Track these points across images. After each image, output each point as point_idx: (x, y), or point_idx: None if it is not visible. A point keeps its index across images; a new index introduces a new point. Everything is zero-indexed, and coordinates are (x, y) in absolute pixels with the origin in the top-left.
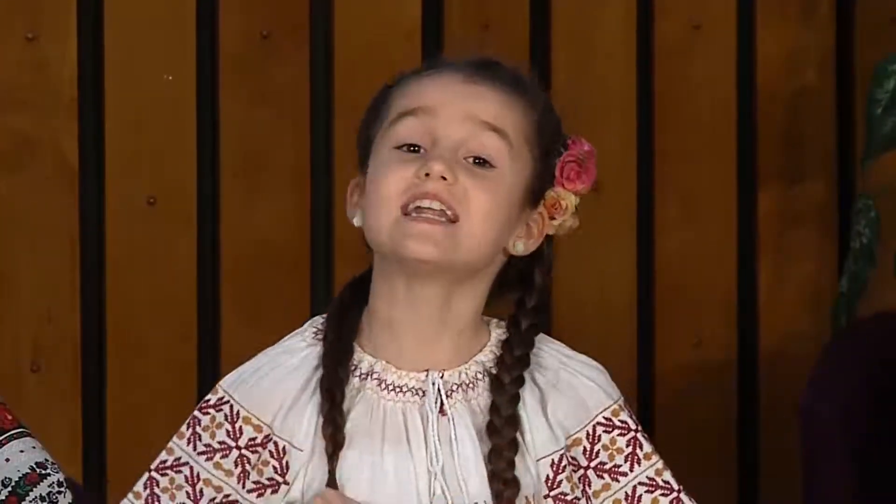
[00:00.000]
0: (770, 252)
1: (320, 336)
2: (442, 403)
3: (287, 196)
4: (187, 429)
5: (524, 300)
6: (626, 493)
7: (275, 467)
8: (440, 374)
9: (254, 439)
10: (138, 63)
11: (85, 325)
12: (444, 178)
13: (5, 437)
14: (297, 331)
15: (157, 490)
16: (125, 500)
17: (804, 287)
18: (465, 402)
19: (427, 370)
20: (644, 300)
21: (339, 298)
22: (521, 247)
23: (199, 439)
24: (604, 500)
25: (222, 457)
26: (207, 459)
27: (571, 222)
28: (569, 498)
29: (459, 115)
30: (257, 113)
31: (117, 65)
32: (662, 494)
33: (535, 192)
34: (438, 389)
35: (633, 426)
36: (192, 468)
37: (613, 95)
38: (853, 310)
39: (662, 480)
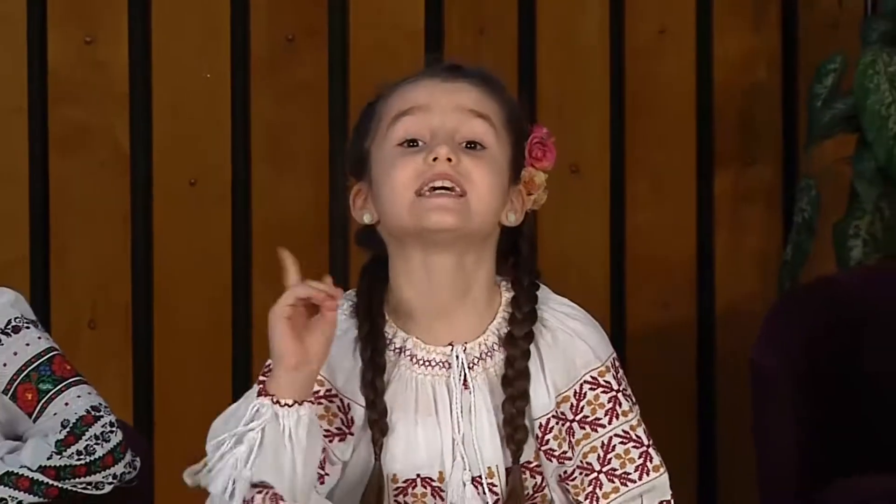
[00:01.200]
0: (725, 226)
1: (354, 312)
2: (465, 377)
3: (308, 177)
4: (264, 375)
5: (519, 262)
6: (602, 441)
7: (342, 419)
8: (463, 348)
9: (316, 392)
10: (181, 63)
11: (134, 289)
12: (450, 160)
13: (65, 385)
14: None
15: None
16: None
17: (754, 256)
18: (484, 373)
19: (451, 344)
20: (616, 267)
21: (362, 287)
22: (512, 217)
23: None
24: (583, 447)
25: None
26: None
27: (543, 197)
28: (556, 453)
29: (449, 107)
30: (282, 106)
31: (163, 64)
32: (634, 447)
33: (516, 171)
34: (462, 363)
35: (615, 386)
36: None
37: (591, 90)
38: (796, 275)
39: (636, 435)
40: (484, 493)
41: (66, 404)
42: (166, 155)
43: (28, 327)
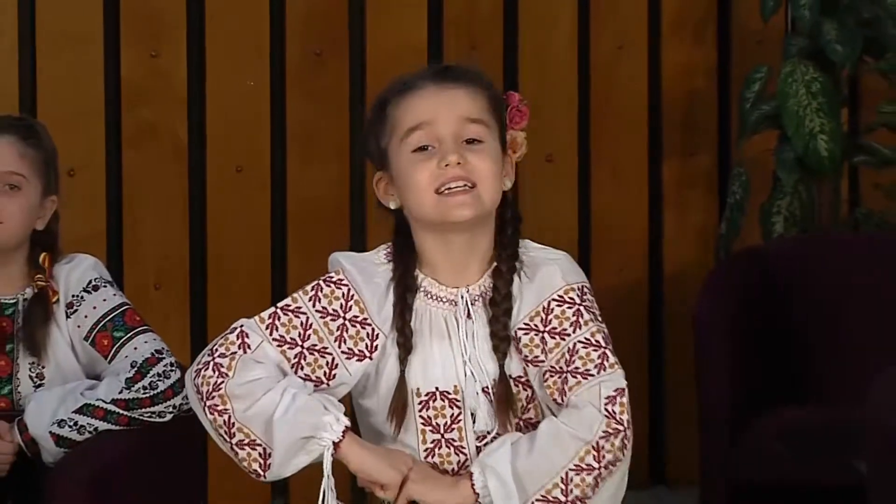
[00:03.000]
0: (672, 206)
1: (390, 258)
2: (469, 311)
3: (333, 166)
4: (311, 290)
5: (504, 217)
6: (568, 348)
7: (367, 345)
8: (466, 289)
9: (356, 317)
10: (229, 73)
11: (192, 258)
12: (459, 163)
13: (134, 333)
14: (374, 250)
15: (277, 322)
16: (253, 320)
17: (696, 230)
18: (483, 307)
19: (457, 287)
20: (583, 238)
21: (395, 244)
22: (508, 182)
23: (319, 301)
24: (555, 354)
25: (332, 320)
26: (321, 317)
27: (524, 148)
28: (529, 358)
29: (451, 119)
30: (312, 107)
31: (214, 74)
32: (594, 350)
33: (503, 142)
34: (466, 301)
35: (577, 301)
36: (307, 317)
37: (562, 94)
38: (730, 246)
39: (595, 340)
40: (491, 400)
41: (135, 348)
42: (217, 147)
43: (105, 286)
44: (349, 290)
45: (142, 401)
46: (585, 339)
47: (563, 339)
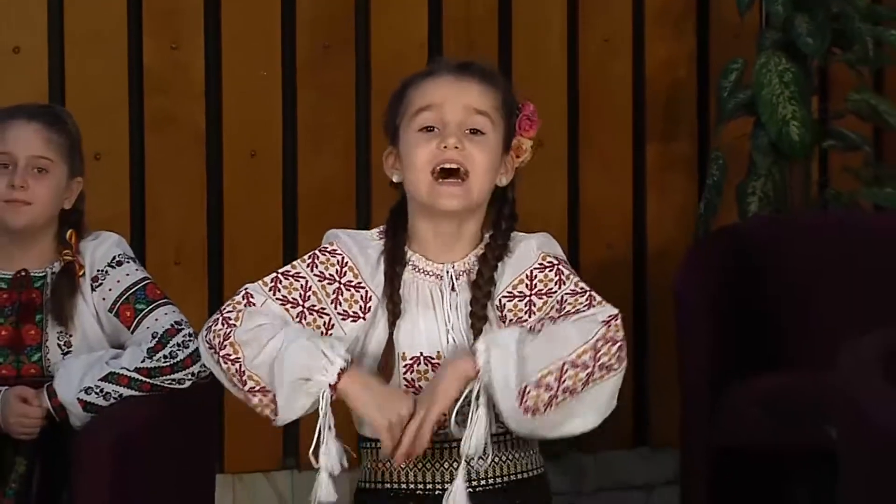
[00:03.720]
0: (655, 187)
1: (382, 236)
2: (453, 284)
3: (340, 152)
4: (308, 258)
5: (501, 212)
6: (557, 300)
7: (360, 306)
8: (452, 266)
9: (350, 281)
10: (244, 64)
11: (209, 236)
12: (457, 147)
13: (155, 305)
14: (370, 230)
15: (279, 285)
16: (257, 284)
17: (677, 210)
18: (467, 282)
19: (443, 263)
20: (572, 218)
21: (390, 221)
22: (504, 179)
23: (316, 267)
24: (545, 311)
25: (328, 284)
26: (319, 280)
27: (529, 157)
28: (513, 320)
29: (458, 106)
30: (320, 98)
31: (230, 66)
32: (580, 295)
33: (507, 143)
34: (451, 275)
35: (555, 262)
36: (306, 280)
37: (553, 85)
38: (708, 225)
39: (580, 288)
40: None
41: (156, 320)
42: (232, 134)
43: (128, 262)
44: (343, 258)
45: (163, 369)
46: (570, 290)
47: (550, 297)
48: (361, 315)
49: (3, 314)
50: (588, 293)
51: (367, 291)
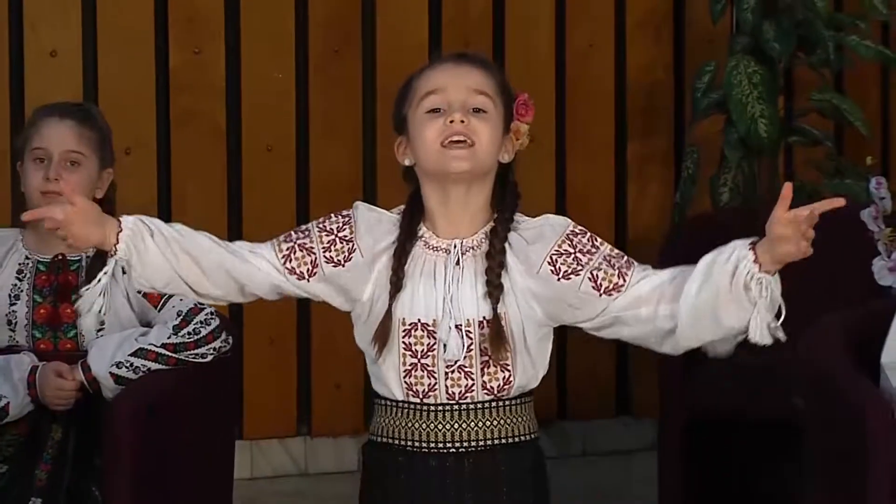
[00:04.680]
0: (635, 179)
1: (400, 214)
2: (458, 260)
3: (348, 146)
4: (323, 219)
5: (505, 190)
6: (605, 256)
7: (344, 256)
8: (460, 242)
9: (345, 236)
10: (260, 67)
11: (229, 222)
12: (463, 122)
13: None
14: (391, 209)
15: (292, 233)
16: (275, 240)
17: (655, 200)
18: (472, 258)
19: (452, 239)
20: (559, 207)
21: (408, 204)
22: (506, 157)
23: (323, 223)
24: (595, 259)
25: (326, 235)
26: (319, 231)
27: (526, 140)
28: (565, 273)
29: (461, 87)
30: (330, 96)
31: (248, 68)
32: (619, 257)
33: (507, 125)
34: (458, 250)
35: (585, 231)
36: (309, 230)
37: (542, 84)
38: (683, 213)
39: (616, 252)
40: (462, 336)
41: (181, 300)
42: (250, 129)
43: None
44: (349, 219)
45: (187, 344)
46: (609, 253)
47: (594, 255)
48: (342, 263)
49: (42, 294)
50: (625, 256)
51: (353, 246)
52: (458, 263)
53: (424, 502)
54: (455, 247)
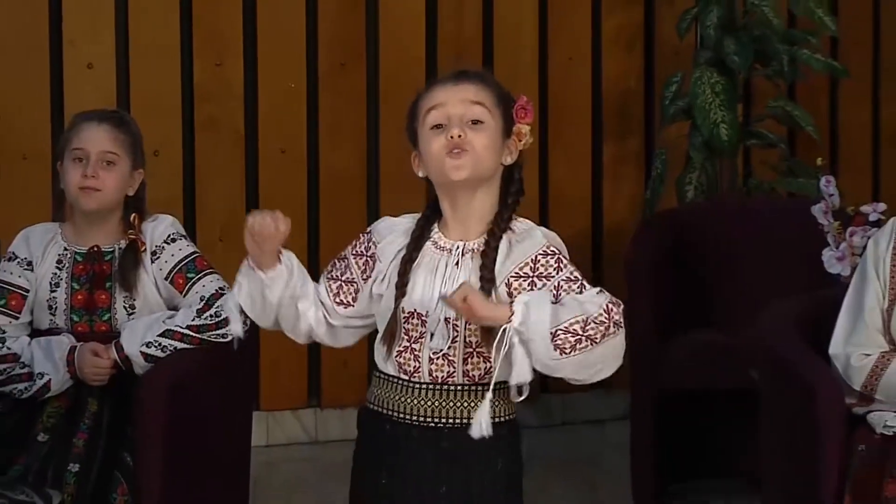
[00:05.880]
0: (610, 178)
1: (417, 220)
2: (458, 260)
3: (354, 150)
4: (354, 242)
5: (508, 190)
6: (554, 285)
7: (371, 270)
8: (464, 244)
9: (373, 254)
10: (275, 77)
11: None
12: (460, 136)
13: (203, 274)
14: (413, 214)
15: (334, 264)
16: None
17: (628, 197)
18: (472, 260)
19: (458, 241)
20: (542, 202)
21: (425, 211)
22: (509, 159)
23: (355, 247)
24: (546, 287)
25: (359, 258)
26: (355, 258)
27: (530, 139)
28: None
29: (458, 101)
30: (338, 104)
31: (264, 78)
32: (573, 283)
33: (507, 130)
34: (459, 252)
35: (556, 252)
36: (347, 261)
37: (527, 93)
38: (653, 209)
39: (574, 276)
40: (449, 329)
41: (203, 286)
42: (266, 134)
43: (181, 239)
44: (371, 237)
45: (209, 326)
46: (566, 277)
47: (549, 280)
48: (371, 276)
49: (79, 282)
50: (580, 281)
51: (374, 256)
52: (457, 264)
53: (405, 466)
54: (457, 248)
